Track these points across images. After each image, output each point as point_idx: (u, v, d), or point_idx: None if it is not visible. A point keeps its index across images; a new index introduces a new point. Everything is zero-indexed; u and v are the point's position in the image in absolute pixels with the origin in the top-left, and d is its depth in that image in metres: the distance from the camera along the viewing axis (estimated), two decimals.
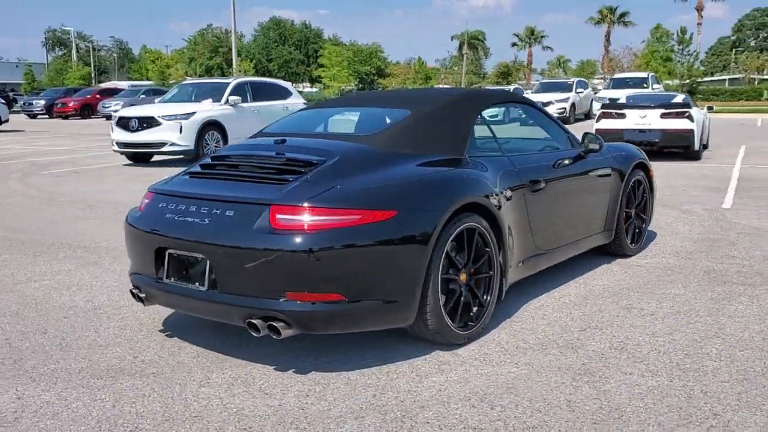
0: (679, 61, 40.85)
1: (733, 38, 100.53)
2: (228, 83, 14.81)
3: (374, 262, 3.38)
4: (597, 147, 5.12)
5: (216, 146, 13.90)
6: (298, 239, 3.30)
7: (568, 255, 5.01)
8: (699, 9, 60.36)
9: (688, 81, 39.47)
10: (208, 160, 4.12)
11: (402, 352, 3.76)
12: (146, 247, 3.79)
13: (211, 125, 13.80)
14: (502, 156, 4.42)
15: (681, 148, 13.36)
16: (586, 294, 4.83)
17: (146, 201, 3.98)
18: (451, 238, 3.64)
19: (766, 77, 60.82)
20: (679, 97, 14.63)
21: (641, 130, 13.32)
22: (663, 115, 13.21)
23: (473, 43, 72.57)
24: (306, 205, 3.37)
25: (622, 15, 62.15)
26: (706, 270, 5.40)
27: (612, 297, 4.75)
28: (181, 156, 13.83)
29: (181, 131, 13.30)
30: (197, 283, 3.55)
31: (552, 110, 25.49)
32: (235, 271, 3.41)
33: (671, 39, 43.57)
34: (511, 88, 30.82)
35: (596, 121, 13.87)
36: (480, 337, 3.96)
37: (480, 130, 4.56)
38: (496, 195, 4.00)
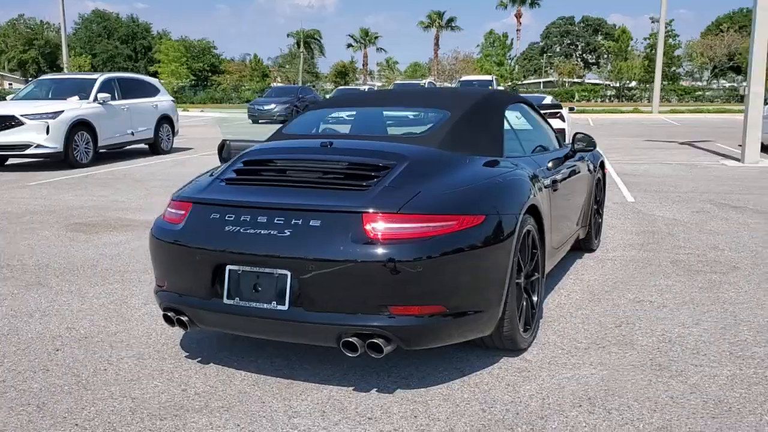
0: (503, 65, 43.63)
1: (541, 44, 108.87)
2: (95, 79, 13.56)
3: (470, 269, 3.22)
4: (591, 147, 5.28)
5: (86, 147, 12.70)
6: (400, 249, 3.06)
7: (565, 252, 5.12)
8: (518, 16, 64.76)
9: (510, 84, 42.21)
10: (241, 165, 3.69)
11: (469, 362, 3.62)
12: (197, 264, 3.34)
13: (81, 125, 12.56)
14: (527, 156, 4.42)
15: None
16: (589, 290, 4.96)
17: (182, 212, 3.50)
18: (520, 241, 3.57)
19: (576, 81, 66.60)
20: (548, 99, 15.54)
21: None
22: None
23: (309, 42, 72.46)
24: (402, 212, 3.13)
25: (450, 20, 65.07)
26: (671, 261, 5.76)
27: (614, 291, 4.91)
28: (47, 159, 12.47)
29: (48, 132, 11.98)
30: (274, 302, 3.18)
31: None
32: (326, 287, 3.10)
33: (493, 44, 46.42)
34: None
35: None
36: (533, 340, 3.92)
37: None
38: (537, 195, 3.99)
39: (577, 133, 5.40)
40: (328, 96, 30.39)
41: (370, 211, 3.13)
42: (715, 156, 14.66)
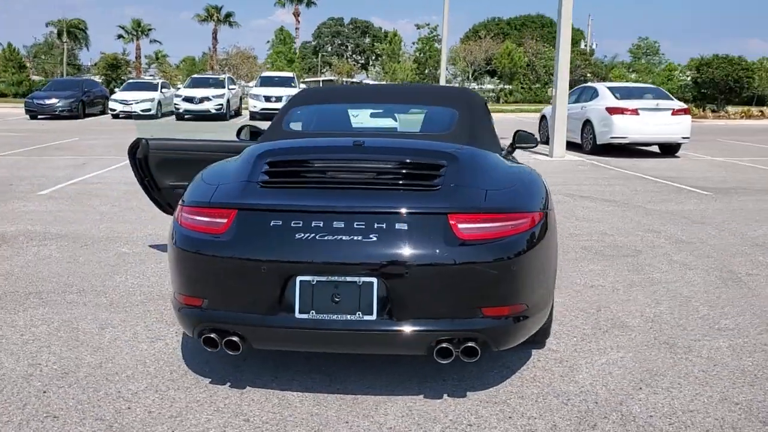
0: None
1: (314, 43, 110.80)
2: None
3: (542, 265, 3.23)
4: (533, 144, 5.52)
5: None
6: (490, 248, 2.99)
7: None
8: (296, 14, 65.19)
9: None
10: (266, 167, 3.32)
11: (507, 358, 3.64)
12: (257, 276, 2.97)
13: None
14: (504, 150, 4.53)
15: None
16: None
17: (222, 220, 3.07)
18: None
19: (355, 81, 68.74)
20: None
21: None
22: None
23: (73, 32, 66.23)
24: (485, 211, 3.06)
25: (228, 15, 63.47)
26: (582, 247, 6.25)
27: (561, 279, 5.21)
28: None
29: None
30: (359, 313, 2.93)
31: (210, 107, 25.14)
32: (418, 293, 2.93)
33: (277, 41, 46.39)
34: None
35: None
36: None
37: None
38: None
39: (519, 131, 5.62)
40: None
41: (456, 211, 3.01)
42: (524, 152, 16.07)
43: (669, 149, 15.37)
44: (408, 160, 3.35)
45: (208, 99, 25.05)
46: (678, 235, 6.76)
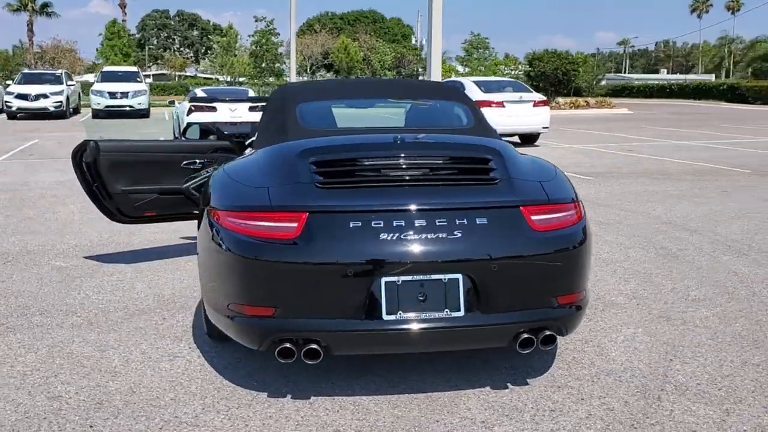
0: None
1: (138, 36, 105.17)
2: None
3: (589, 251, 3.36)
4: None
5: None
6: (561, 238, 3.08)
7: None
8: (122, 6, 61.58)
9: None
10: (315, 167, 3.15)
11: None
12: (342, 280, 2.84)
13: None
14: None
15: None
16: None
17: (292, 224, 2.91)
18: None
19: (189, 75, 66.29)
20: (251, 92, 15.55)
21: (233, 123, 13.73)
22: (251, 108, 13.94)
23: None
24: (550, 203, 3.14)
25: (45, 6, 58.37)
26: None
27: None
28: None
29: None
30: (447, 310, 2.89)
31: (48, 104, 23.19)
32: (502, 285, 2.95)
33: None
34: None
35: (187, 115, 13.64)
36: None
37: None
38: None
39: None
40: None
41: (527, 203, 3.07)
42: None
43: (529, 139, 16.40)
44: (459, 155, 3.36)
45: (45, 96, 23.09)
46: (594, 217, 7.27)
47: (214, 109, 13.73)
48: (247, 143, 5.10)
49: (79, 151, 4.94)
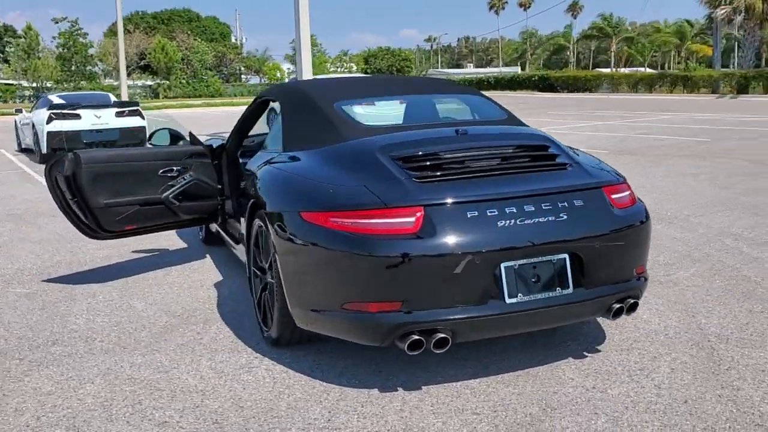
0: None
1: None
2: None
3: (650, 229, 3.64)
4: None
5: None
6: (635, 214, 3.40)
7: None
8: None
9: None
10: (401, 163, 3.24)
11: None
12: (466, 269, 2.93)
13: None
14: None
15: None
16: None
17: (410, 219, 2.96)
18: None
19: None
20: (112, 97, 14.59)
21: (99, 131, 12.91)
22: (118, 114, 13.14)
23: None
24: (620, 182, 3.44)
25: None
26: None
27: None
28: None
29: None
30: (559, 289, 3.09)
31: None
32: (601, 261, 3.20)
33: None
34: None
35: (47, 123, 12.52)
36: None
37: None
38: None
39: None
40: None
41: (605, 184, 3.35)
42: None
43: None
44: (526, 144, 3.57)
45: None
46: None
47: (78, 116, 12.73)
48: (216, 146, 4.95)
49: (54, 165, 4.51)
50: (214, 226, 5.36)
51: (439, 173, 3.20)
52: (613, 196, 3.34)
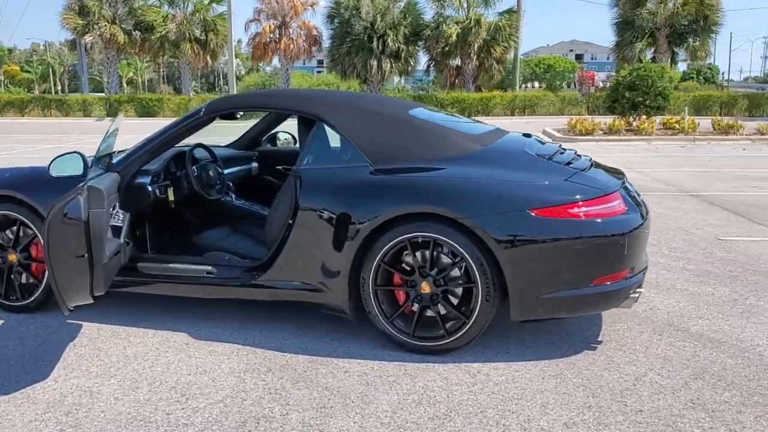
0: None
1: None
2: None
3: None
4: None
5: None
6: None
7: None
8: None
9: None
10: (555, 163, 3.97)
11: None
12: (643, 235, 3.83)
13: None
14: None
15: None
16: None
17: (616, 202, 3.73)
18: None
19: None
20: None
21: None
22: None
23: None
24: None
25: None
26: None
27: None
28: None
29: None
30: None
31: None
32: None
33: None
34: None
35: None
36: None
37: None
38: None
39: None
40: None
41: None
42: None
43: None
44: (559, 149, 4.39)
45: None
46: None
47: None
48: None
49: (65, 206, 3.43)
50: None
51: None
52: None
